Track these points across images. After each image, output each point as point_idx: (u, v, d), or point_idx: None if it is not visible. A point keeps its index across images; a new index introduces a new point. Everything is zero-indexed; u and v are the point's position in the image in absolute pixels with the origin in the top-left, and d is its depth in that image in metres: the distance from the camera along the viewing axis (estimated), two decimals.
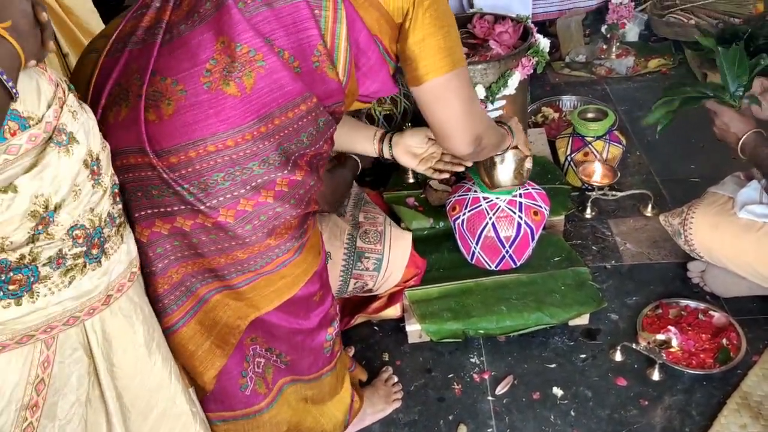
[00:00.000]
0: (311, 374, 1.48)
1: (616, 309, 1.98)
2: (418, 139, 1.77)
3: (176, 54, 1.15)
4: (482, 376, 1.84)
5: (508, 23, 2.33)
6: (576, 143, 2.40)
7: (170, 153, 1.12)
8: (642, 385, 1.76)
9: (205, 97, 1.12)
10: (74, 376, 1.04)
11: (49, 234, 0.93)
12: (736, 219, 1.79)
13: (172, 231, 1.18)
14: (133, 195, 1.17)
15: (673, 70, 3.17)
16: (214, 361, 1.30)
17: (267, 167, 1.18)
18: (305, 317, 1.39)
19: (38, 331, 0.96)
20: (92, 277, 1.00)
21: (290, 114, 1.19)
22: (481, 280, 1.99)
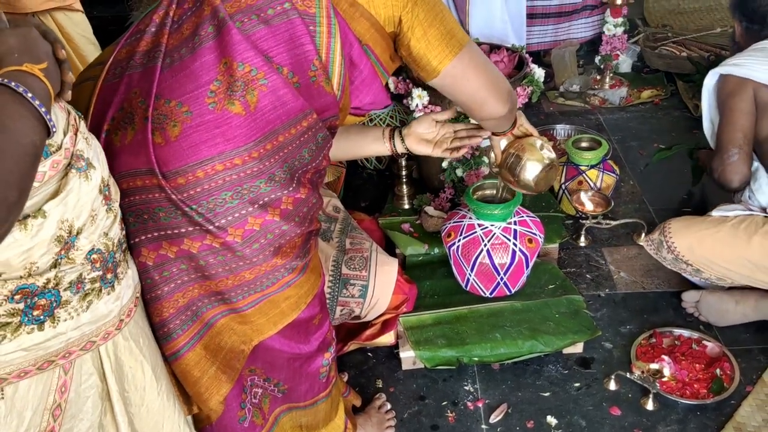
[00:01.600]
0: (307, 401, 1.47)
1: (610, 338, 1.99)
2: (426, 124, 1.74)
3: (179, 77, 1.16)
4: (476, 404, 1.83)
5: (504, 53, 2.36)
6: (570, 172, 2.42)
7: (178, 174, 1.13)
8: (636, 414, 1.76)
9: (211, 117, 1.13)
10: (89, 402, 1.04)
11: (70, 259, 0.95)
12: (709, 217, 1.94)
13: (178, 254, 1.18)
14: (139, 218, 1.17)
15: (665, 101, 3.21)
16: (219, 387, 1.29)
17: (273, 185, 1.19)
18: (305, 341, 1.39)
19: (58, 356, 0.97)
20: (107, 302, 1.02)
21: (293, 130, 1.20)
22: (476, 307, 1.99)
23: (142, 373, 1.12)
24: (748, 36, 2.07)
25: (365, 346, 1.98)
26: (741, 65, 1.92)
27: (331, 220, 2.02)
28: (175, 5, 1.24)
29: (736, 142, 1.89)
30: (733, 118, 1.91)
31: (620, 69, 3.42)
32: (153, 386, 1.14)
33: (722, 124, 1.95)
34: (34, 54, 0.86)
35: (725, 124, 1.94)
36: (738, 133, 1.89)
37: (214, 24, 1.18)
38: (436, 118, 1.75)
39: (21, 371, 0.94)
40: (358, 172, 2.83)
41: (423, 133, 1.74)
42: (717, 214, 1.96)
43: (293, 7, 1.19)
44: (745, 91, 1.90)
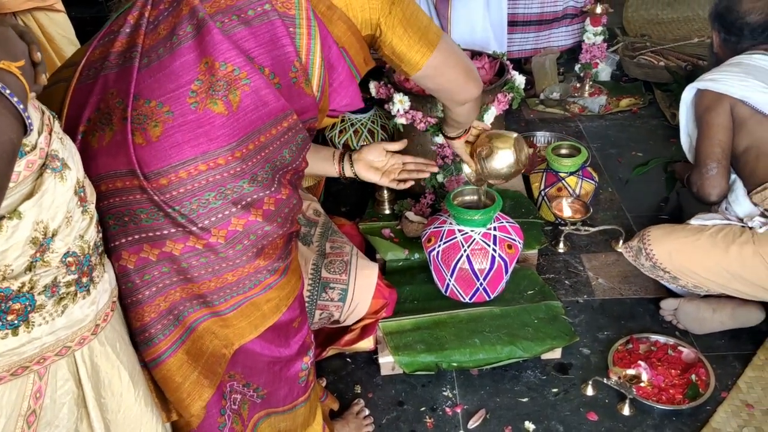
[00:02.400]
0: (286, 405, 1.46)
1: (588, 343, 2.00)
2: (377, 152, 1.83)
3: (158, 77, 1.15)
4: (455, 410, 1.83)
5: (485, 59, 2.38)
6: (550, 179, 2.44)
7: (160, 175, 1.12)
8: (613, 420, 1.77)
9: (193, 117, 1.13)
10: (65, 408, 1.02)
11: (45, 262, 0.93)
12: (688, 226, 1.97)
13: (160, 257, 1.17)
14: (119, 220, 1.15)
15: (643, 110, 3.25)
16: (202, 392, 1.27)
17: (256, 185, 1.19)
18: (285, 344, 1.38)
19: (32, 362, 0.95)
20: (83, 306, 1.00)
21: (274, 131, 1.20)
22: (455, 312, 2.00)
23: (119, 379, 1.10)
24: (726, 47, 2.10)
25: (344, 351, 1.97)
26: (717, 80, 1.95)
27: (311, 224, 2.01)
28: (150, 6, 1.23)
29: (715, 157, 1.92)
30: (710, 132, 1.94)
31: (599, 77, 3.45)
32: (130, 392, 1.12)
33: (700, 139, 1.98)
34: (10, 52, 0.86)
35: (703, 138, 1.96)
36: (716, 148, 1.92)
37: (193, 24, 1.17)
38: (387, 147, 1.84)
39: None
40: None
41: (372, 160, 1.83)
42: (696, 222, 1.98)
43: (273, 9, 1.19)
44: (722, 106, 1.93)
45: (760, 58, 1.97)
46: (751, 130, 1.91)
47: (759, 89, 1.89)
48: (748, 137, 1.92)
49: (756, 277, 1.83)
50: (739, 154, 1.95)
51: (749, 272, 1.83)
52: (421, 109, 2.20)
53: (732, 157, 1.96)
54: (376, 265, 1.96)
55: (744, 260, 1.83)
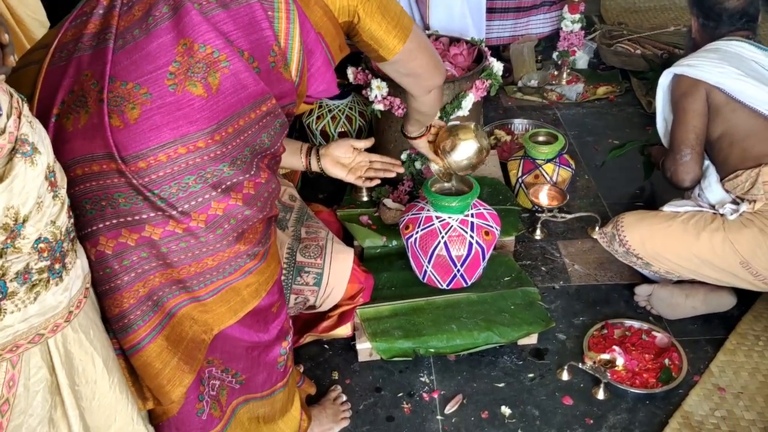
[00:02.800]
0: (264, 390, 1.46)
1: (564, 329, 2.02)
2: (344, 149, 1.84)
3: (134, 59, 1.12)
4: (432, 395, 1.84)
5: (463, 46, 2.37)
6: (527, 166, 2.45)
7: (138, 158, 1.10)
8: (587, 404, 1.79)
9: (172, 99, 1.11)
10: (39, 396, 1.01)
11: (16, 248, 0.92)
12: (661, 212, 1.99)
13: (139, 241, 1.15)
14: (96, 205, 1.13)
15: (620, 98, 3.27)
16: (182, 377, 1.26)
17: (236, 169, 1.18)
18: (264, 329, 1.38)
19: (5, 350, 0.94)
20: (55, 293, 0.99)
21: (252, 115, 1.19)
22: (433, 298, 2.00)
23: (93, 366, 1.09)
24: (704, 32, 2.10)
25: (321, 338, 1.97)
26: (694, 66, 1.96)
27: (286, 209, 2.00)
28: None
29: (689, 143, 1.94)
30: (685, 118, 1.95)
31: (577, 65, 3.46)
32: (105, 379, 1.11)
33: (675, 124, 1.99)
34: None
35: (678, 124, 1.98)
36: (690, 134, 1.94)
37: (170, 4, 1.15)
38: (355, 144, 1.85)
39: None
40: None
41: (339, 156, 1.84)
42: (668, 209, 2.00)
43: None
44: (698, 92, 1.94)
45: (737, 44, 1.98)
46: (726, 118, 1.93)
47: (734, 76, 1.90)
48: (723, 124, 1.94)
49: (725, 264, 1.86)
50: (713, 140, 1.97)
51: (719, 259, 1.86)
52: (399, 96, 2.19)
53: (706, 143, 1.98)
54: (352, 250, 1.96)
55: (714, 247, 1.85)
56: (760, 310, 2.02)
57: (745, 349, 1.90)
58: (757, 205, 1.86)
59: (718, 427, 1.69)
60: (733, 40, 2.00)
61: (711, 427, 1.69)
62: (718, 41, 2.02)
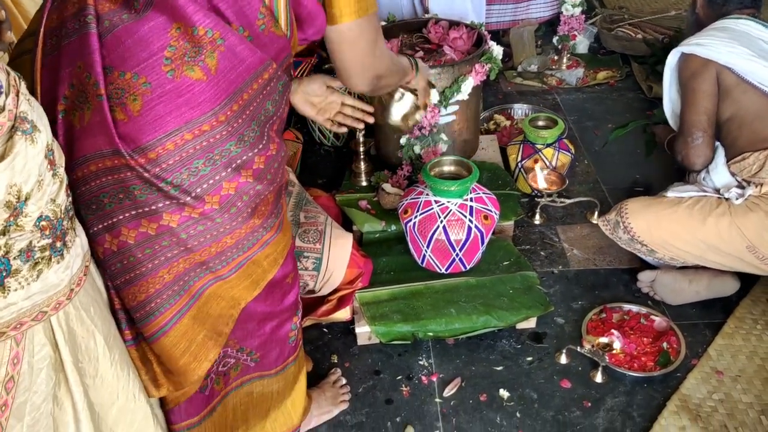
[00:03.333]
0: (278, 366, 1.50)
1: (563, 313, 2.02)
2: (316, 86, 1.75)
3: (127, 45, 1.10)
4: (430, 378, 1.84)
5: (463, 29, 2.36)
6: (526, 150, 2.45)
7: (147, 149, 1.10)
8: (585, 387, 1.80)
9: (171, 86, 1.10)
10: (43, 373, 1.02)
11: (19, 226, 0.92)
12: (665, 198, 1.97)
13: (159, 230, 1.16)
14: (114, 198, 1.13)
15: (620, 83, 3.26)
16: (208, 353, 1.28)
17: (243, 145, 1.18)
18: (281, 301, 1.41)
19: (9, 327, 0.95)
20: (57, 271, 0.99)
21: (255, 86, 1.18)
22: (431, 283, 2.00)
23: (94, 343, 1.10)
24: (710, 9, 2.05)
25: (321, 321, 1.98)
26: (704, 45, 1.91)
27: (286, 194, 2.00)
28: None
29: (701, 126, 1.91)
30: (696, 100, 1.92)
31: (577, 50, 3.45)
32: (106, 356, 1.13)
33: (685, 106, 1.96)
34: None
35: (688, 106, 1.94)
36: (702, 116, 1.91)
37: None
38: (328, 82, 1.76)
39: None
40: (315, 148, 2.80)
41: (310, 94, 1.75)
42: (672, 194, 1.98)
43: None
44: (708, 72, 1.90)
45: (746, 23, 1.94)
46: (736, 99, 1.90)
47: (745, 56, 1.86)
48: (732, 106, 1.90)
49: (732, 249, 1.86)
50: (723, 122, 1.94)
51: (726, 244, 1.85)
52: None
53: (716, 124, 1.96)
54: (350, 235, 1.96)
55: (720, 231, 1.85)
56: (758, 294, 2.02)
57: (743, 332, 1.91)
58: (764, 189, 1.85)
59: (716, 409, 1.70)
60: (740, 18, 1.96)
61: (708, 409, 1.70)
62: (725, 19, 1.97)
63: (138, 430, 1.21)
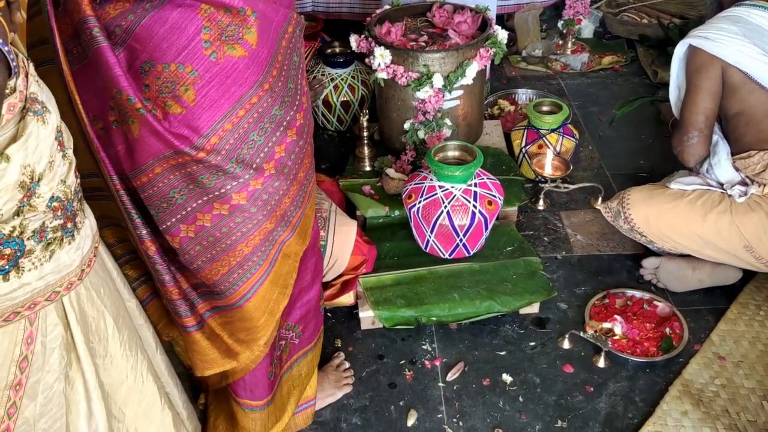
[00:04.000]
0: (314, 338, 1.58)
1: (566, 298, 2.03)
2: None
3: (160, 34, 1.08)
4: (434, 363, 1.85)
5: (467, 13, 2.34)
6: (531, 135, 2.44)
7: (209, 136, 1.11)
8: (588, 372, 1.80)
9: (218, 69, 1.10)
10: (56, 353, 1.04)
11: (32, 206, 0.93)
12: (668, 190, 1.96)
13: (231, 210, 1.20)
14: (183, 191, 1.16)
15: (625, 68, 3.24)
16: (279, 306, 1.36)
17: (285, 106, 1.21)
18: (314, 268, 1.50)
19: (24, 307, 0.97)
20: (69, 251, 1.01)
21: (284, 43, 1.20)
22: (435, 268, 2.01)
23: (104, 324, 1.12)
24: None
25: (325, 306, 1.98)
26: (712, 40, 1.85)
27: None
28: None
29: (697, 125, 1.89)
30: (697, 98, 1.89)
31: (582, 34, 3.43)
32: (115, 336, 1.15)
33: (686, 101, 1.93)
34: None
35: (689, 102, 1.91)
36: (700, 116, 1.88)
37: None
38: None
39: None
40: (318, 133, 2.79)
41: None
42: (675, 186, 1.96)
43: None
44: (713, 69, 1.85)
45: (761, 14, 1.86)
46: (743, 98, 1.86)
47: (754, 55, 1.80)
48: (739, 104, 1.87)
49: (729, 246, 1.85)
50: (730, 116, 1.91)
51: (724, 242, 1.85)
52: (403, 64, 2.18)
53: (723, 118, 1.94)
54: (355, 222, 1.96)
55: (720, 229, 1.84)
56: (761, 280, 2.02)
57: (746, 318, 1.91)
58: (767, 189, 1.83)
59: (718, 395, 1.71)
60: (756, 7, 1.87)
61: (710, 395, 1.71)
62: (741, 7, 1.88)
63: (146, 410, 1.23)
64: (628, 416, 1.69)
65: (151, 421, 1.24)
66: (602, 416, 1.69)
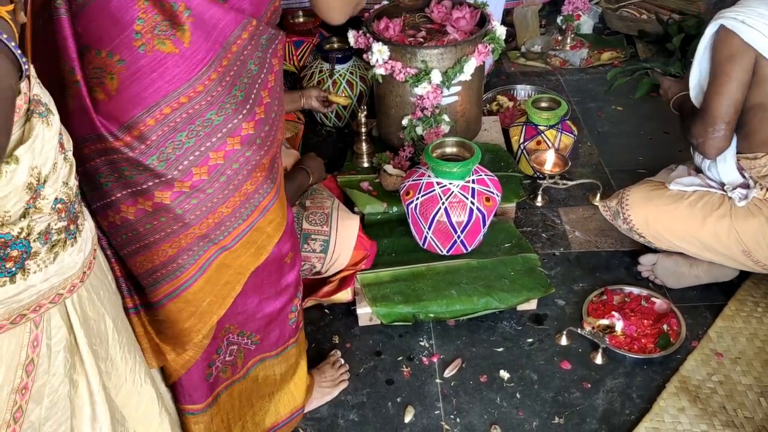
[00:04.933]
0: (278, 348, 1.51)
1: (563, 295, 2.03)
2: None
3: (99, 21, 1.08)
4: (431, 359, 1.85)
5: (466, 9, 2.34)
6: (529, 132, 2.43)
7: (130, 127, 1.09)
8: (585, 368, 1.81)
9: (145, 62, 1.08)
10: (60, 355, 1.04)
11: (37, 208, 0.93)
12: (667, 191, 1.93)
13: (154, 207, 1.16)
14: (109, 177, 1.14)
15: (625, 63, 3.23)
16: (211, 315, 1.30)
17: (225, 113, 1.15)
18: (278, 281, 1.42)
19: (29, 309, 0.96)
20: (72, 253, 1.00)
21: (234, 48, 1.14)
22: (433, 264, 2.01)
23: (104, 326, 1.12)
24: None
25: (322, 302, 1.98)
26: (750, 26, 1.68)
27: None
28: None
29: (726, 117, 1.75)
30: (727, 89, 1.74)
31: (581, 30, 3.42)
32: (115, 339, 1.14)
33: (714, 92, 1.77)
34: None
35: (717, 92, 1.76)
36: (730, 108, 1.75)
37: None
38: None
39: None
40: (316, 129, 2.79)
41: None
42: (675, 187, 1.92)
43: None
44: (747, 58, 1.71)
45: None
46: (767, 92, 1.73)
47: None
48: (760, 97, 1.75)
49: (727, 250, 1.84)
50: (745, 109, 1.78)
51: (722, 245, 1.84)
52: (401, 60, 2.17)
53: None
54: (357, 217, 1.97)
55: (718, 233, 1.82)
56: (759, 276, 2.02)
57: (744, 314, 1.91)
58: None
59: (715, 391, 1.71)
60: None
61: (708, 391, 1.71)
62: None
63: (145, 413, 1.22)
64: (625, 413, 1.69)
65: (150, 423, 1.24)
66: (599, 412, 1.69)
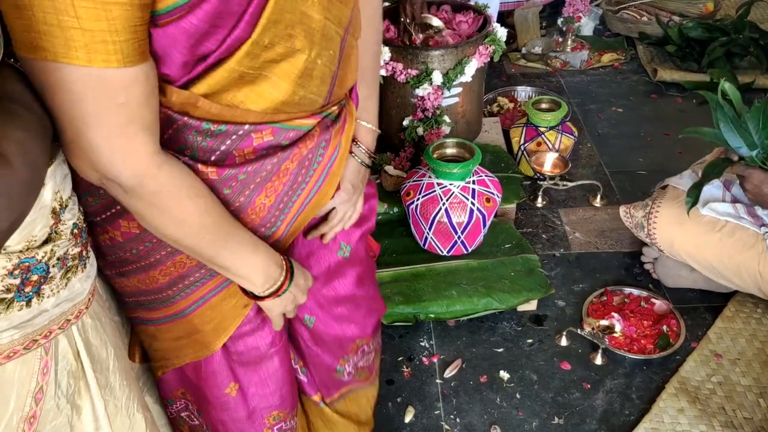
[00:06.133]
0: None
1: (563, 296, 2.03)
2: None
3: None
4: (431, 360, 1.86)
5: (470, 14, 2.34)
6: (529, 133, 2.44)
7: None
8: (585, 369, 1.81)
9: None
10: (64, 381, 1.02)
11: (58, 233, 0.92)
12: (700, 217, 1.81)
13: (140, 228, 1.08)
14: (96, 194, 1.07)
15: (625, 65, 3.24)
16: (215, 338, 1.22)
17: None
18: None
19: (41, 335, 0.95)
20: (81, 279, 1.00)
21: None
22: (433, 265, 2.01)
23: (106, 353, 1.10)
24: None
25: None
26: None
27: None
28: None
29: None
30: None
31: (582, 32, 3.43)
32: (115, 366, 1.12)
33: None
34: None
35: None
36: None
37: None
38: None
39: (11, 351, 0.91)
40: None
41: None
42: (707, 213, 1.81)
43: None
44: None
45: None
46: None
47: None
48: None
49: (743, 285, 1.82)
50: None
51: (740, 280, 1.81)
52: (402, 61, 2.18)
53: None
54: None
55: (742, 271, 1.77)
56: None
57: (744, 316, 1.92)
58: None
59: (714, 392, 1.72)
60: None
61: (707, 392, 1.72)
62: None
63: None
64: (624, 413, 1.70)
65: None
66: (599, 413, 1.70)
